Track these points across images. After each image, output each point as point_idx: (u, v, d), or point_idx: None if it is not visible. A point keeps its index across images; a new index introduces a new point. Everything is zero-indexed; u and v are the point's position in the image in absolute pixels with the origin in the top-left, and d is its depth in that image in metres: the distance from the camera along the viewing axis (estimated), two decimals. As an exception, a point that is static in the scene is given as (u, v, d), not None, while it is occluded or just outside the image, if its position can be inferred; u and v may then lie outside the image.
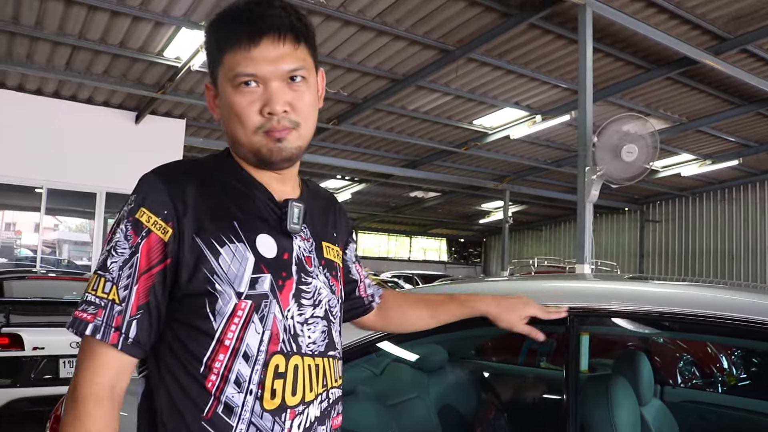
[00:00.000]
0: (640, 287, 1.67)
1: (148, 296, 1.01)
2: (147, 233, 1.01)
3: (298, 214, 1.10)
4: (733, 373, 4.72)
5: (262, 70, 1.05)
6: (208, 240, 1.02)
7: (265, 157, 1.09)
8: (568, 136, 12.01)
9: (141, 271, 1.01)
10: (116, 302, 1.00)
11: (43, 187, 9.67)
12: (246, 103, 1.06)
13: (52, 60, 8.41)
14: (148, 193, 1.03)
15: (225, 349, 1.02)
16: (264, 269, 1.04)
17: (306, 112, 1.10)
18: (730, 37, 7.78)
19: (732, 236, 15.93)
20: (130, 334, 1.00)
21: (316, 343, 1.10)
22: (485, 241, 26.48)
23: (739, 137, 12.14)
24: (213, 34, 1.10)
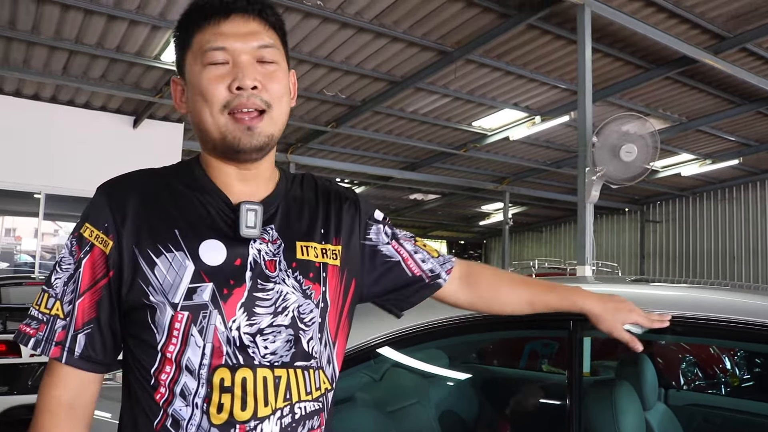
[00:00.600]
0: (642, 290, 1.64)
1: (96, 311, 1.01)
2: (90, 248, 1.01)
3: (254, 216, 1.04)
4: (736, 374, 4.69)
5: (231, 43, 1.02)
6: (144, 251, 1.00)
7: (231, 144, 1.03)
8: (567, 137, 11.98)
9: (85, 286, 1.00)
10: (59, 317, 1.00)
11: (41, 193, 9.65)
12: (213, 77, 1.02)
13: (49, 65, 8.38)
14: (92, 208, 1.03)
15: (169, 362, 0.99)
16: (205, 278, 1.00)
17: (278, 93, 1.05)
18: (729, 35, 7.75)
19: (733, 236, 15.88)
20: (75, 349, 1.00)
21: (277, 354, 1.02)
22: (486, 243, 26.43)
23: (739, 136, 12.10)
24: (182, 23, 1.08)
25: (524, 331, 1.43)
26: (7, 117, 9.20)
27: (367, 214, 1.25)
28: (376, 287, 1.25)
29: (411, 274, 1.27)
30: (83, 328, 1.00)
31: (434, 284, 1.30)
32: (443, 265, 1.32)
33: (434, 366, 2.28)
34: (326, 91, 9.39)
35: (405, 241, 1.30)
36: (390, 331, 1.65)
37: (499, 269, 1.43)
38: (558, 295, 1.34)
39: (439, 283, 1.30)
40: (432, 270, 1.29)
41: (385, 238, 1.26)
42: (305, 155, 12.68)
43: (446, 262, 1.33)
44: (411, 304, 1.30)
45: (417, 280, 1.27)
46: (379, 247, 1.25)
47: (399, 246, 1.28)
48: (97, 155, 9.68)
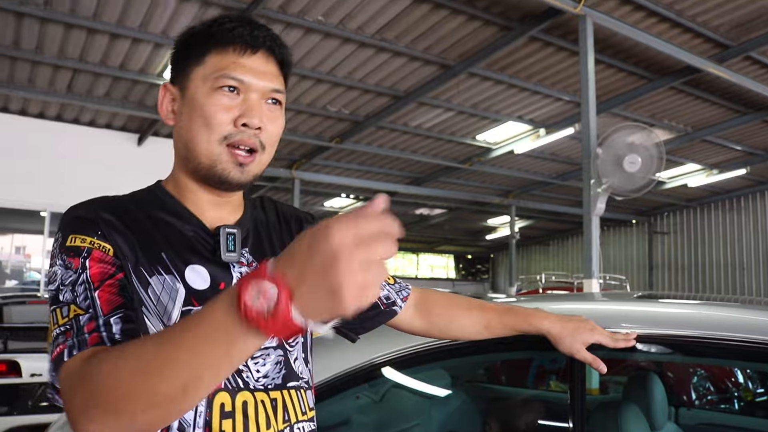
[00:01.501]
0: (649, 308, 1.58)
1: (122, 298, 0.88)
2: (88, 252, 0.90)
3: (234, 240, 1.01)
4: (749, 388, 4.58)
5: (249, 78, 0.99)
6: (138, 269, 0.93)
7: (219, 175, 0.99)
8: (572, 150, 11.93)
9: (97, 279, 0.88)
10: (80, 314, 0.85)
11: (47, 211, 9.66)
12: (221, 106, 0.98)
13: (53, 84, 8.42)
14: (74, 222, 0.94)
15: None
16: (194, 302, 0.95)
17: (273, 138, 1.04)
18: (733, 44, 7.70)
19: (742, 246, 15.74)
20: (113, 330, 0.84)
21: (269, 377, 0.99)
22: (493, 257, 26.32)
23: (745, 146, 12.02)
24: (200, 32, 1.03)
25: (533, 352, 1.36)
26: (12, 135, 9.24)
27: None
28: None
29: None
30: (112, 313, 0.86)
31: (390, 311, 1.27)
32: (399, 292, 1.30)
33: (435, 386, 2.22)
34: (329, 106, 9.38)
35: None
36: (392, 351, 1.59)
37: (455, 295, 1.39)
38: (515, 317, 1.32)
39: (395, 310, 1.28)
40: (388, 297, 1.27)
41: None
42: (309, 171, 12.67)
43: (402, 289, 1.31)
44: (366, 329, 1.28)
45: (373, 306, 1.23)
46: None
47: None
48: (101, 173, 9.69)
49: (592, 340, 1.27)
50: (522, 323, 1.31)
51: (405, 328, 1.33)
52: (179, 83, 1.04)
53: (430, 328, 1.33)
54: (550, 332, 1.29)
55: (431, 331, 1.34)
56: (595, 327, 1.29)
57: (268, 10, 6.55)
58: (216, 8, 6.59)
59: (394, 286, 1.30)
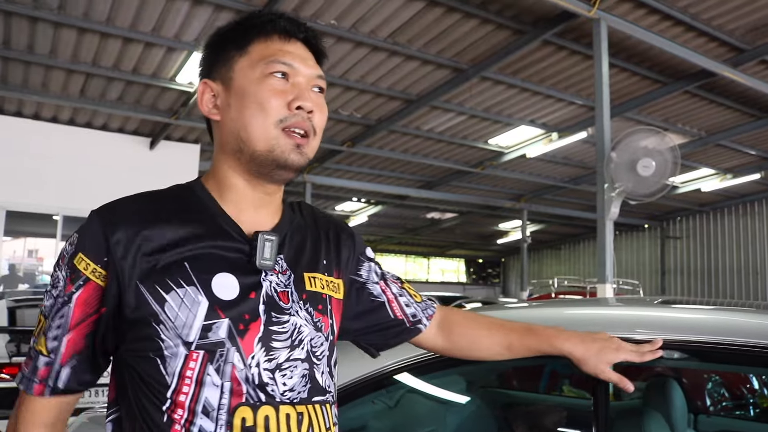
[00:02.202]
0: (664, 313, 1.55)
1: (84, 343, 0.95)
2: (84, 281, 0.94)
3: (270, 247, 0.99)
4: (765, 395, 4.52)
5: (298, 64, 1.03)
6: (152, 286, 0.92)
7: (278, 159, 0.99)
8: (585, 154, 11.87)
9: (75, 321, 0.94)
10: (43, 354, 0.95)
11: (59, 214, 9.70)
12: (275, 91, 1.00)
13: (66, 88, 8.47)
14: (88, 237, 0.95)
15: (181, 404, 0.91)
16: (221, 313, 0.93)
17: (321, 124, 1.05)
18: (748, 48, 7.63)
19: (756, 251, 15.59)
20: (59, 383, 0.96)
21: (295, 390, 0.97)
22: (504, 261, 26.23)
23: (760, 150, 11.91)
24: (240, 25, 1.05)
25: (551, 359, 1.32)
26: (26, 140, 9.30)
27: (360, 250, 1.24)
28: (357, 324, 1.22)
29: (393, 316, 1.25)
30: (69, 362, 0.95)
31: (415, 329, 1.28)
32: (425, 310, 1.30)
33: (451, 391, 2.19)
34: (341, 110, 9.38)
35: (392, 283, 1.28)
36: (408, 356, 1.57)
37: (477, 315, 1.37)
38: (537, 338, 1.28)
39: (420, 328, 1.28)
40: (414, 315, 1.27)
41: (374, 277, 1.25)
42: (321, 175, 12.68)
43: (428, 308, 1.31)
44: (389, 346, 1.28)
45: (399, 323, 1.25)
46: (367, 285, 1.23)
47: (386, 287, 1.26)
48: (114, 177, 9.72)
49: (618, 359, 1.23)
50: (544, 344, 1.27)
51: (427, 346, 1.33)
52: (220, 77, 1.04)
53: (451, 347, 1.33)
54: (572, 354, 1.25)
55: (452, 351, 1.33)
56: (620, 345, 1.24)
57: (280, 14, 6.55)
58: (229, 12, 6.60)
59: (421, 304, 1.30)
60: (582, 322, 1.43)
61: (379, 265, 1.28)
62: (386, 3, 6.57)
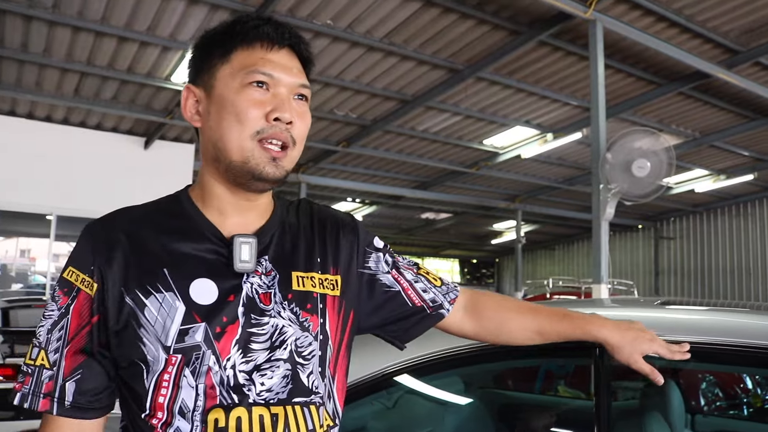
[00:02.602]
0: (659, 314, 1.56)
1: (84, 356, 0.96)
2: (77, 292, 0.97)
3: (249, 250, 1.00)
4: (758, 394, 4.54)
5: (279, 73, 1.01)
6: (133, 292, 0.95)
7: (253, 171, 0.99)
8: (579, 155, 11.90)
9: (73, 332, 0.96)
10: (45, 367, 0.96)
11: (53, 214, 9.66)
12: (253, 102, 0.99)
13: (60, 87, 8.44)
14: (77, 251, 0.99)
15: (160, 406, 0.94)
16: (197, 318, 0.95)
17: (303, 133, 1.04)
18: (742, 50, 7.67)
19: (748, 252, 15.68)
20: (66, 398, 0.95)
21: (273, 390, 0.97)
22: (498, 262, 26.26)
23: (753, 151, 11.97)
24: (223, 31, 1.04)
25: (552, 359, 1.32)
26: (19, 139, 9.25)
27: (366, 241, 1.21)
28: (375, 318, 1.19)
29: (411, 304, 1.21)
30: (72, 375, 0.95)
31: (437, 314, 1.24)
32: (446, 294, 1.26)
33: (449, 392, 2.19)
34: (336, 110, 9.38)
35: (405, 270, 1.24)
36: (409, 357, 1.57)
37: (507, 297, 1.34)
38: (571, 323, 1.25)
39: (442, 313, 1.24)
40: (434, 300, 1.23)
41: (385, 266, 1.21)
42: (316, 175, 12.67)
43: (450, 291, 1.27)
44: (413, 335, 1.24)
45: (418, 310, 1.22)
46: (378, 276, 1.20)
47: (399, 275, 1.22)
48: (108, 176, 9.71)
49: (651, 350, 1.22)
50: (577, 330, 1.25)
51: (455, 330, 1.29)
52: (203, 84, 1.04)
53: (480, 331, 1.28)
54: (608, 341, 1.23)
55: (481, 334, 1.29)
56: (654, 337, 1.23)
57: (276, 13, 6.55)
58: (224, 12, 6.59)
59: (441, 288, 1.26)
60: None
61: (391, 253, 1.25)
62: (382, 3, 6.57)
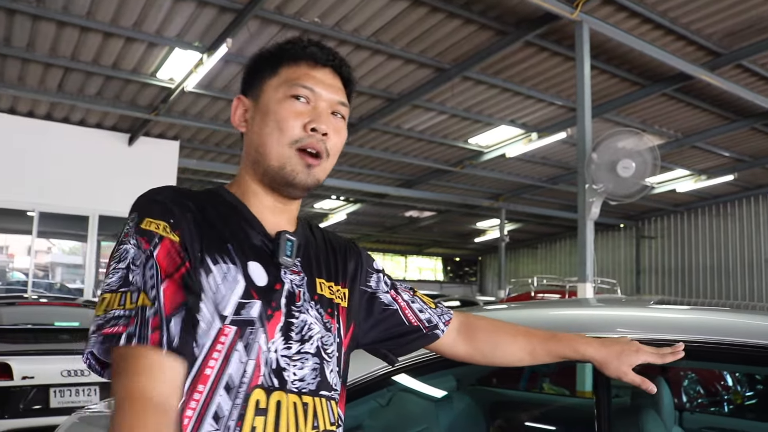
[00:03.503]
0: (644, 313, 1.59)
1: (183, 295, 0.92)
2: (160, 239, 0.94)
3: (290, 246, 1.06)
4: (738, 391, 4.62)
5: (320, 89, 1.09)
6: (202, 257, 0.96)
7: (287, 176, 1.06)
8: (563, 154, 11.99)
9: (164, 273, 0.92)
10: (148, 306, 0.90)
11: (35, 210, 9.55)
12: (293, 112, 1.07)
13: (44, 82, 8.34)
14: (149, 206, 0.98)
15: (205, 378, 0.93)
16: (254, 295, 0.99)
17: (337, 148, 1.12)
18: (724, 52, 7.78)
19: (728, 251, 15.91)
20: (172, 334, 0.89)
21: (305, 381, 1.02)
22: (481, 260, 26.38)
23: (733, 152, 12.15)
24: (277, 48, 1.13)
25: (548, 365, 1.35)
26: (1, 134, 9.13)
27: (368, 263, 1.30)
28: (372, 334, 1.26)
29: (408, 323, 1.28)
30: (174, 312, 0.91)
31: (432, 335, 1.30)
32: (441, 316, 1.32)
33: (442, 390, 2.22)
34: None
35: (403, 291, 1.32)
36: (406, 358, 1.59)
37: (497, 320, 1.40)
38: (559, 343, 1.31)
39: (437, 333, 1.30)
40: (429, 320, 1.30)
41: (384, 286, 1.29)
42: (301, 172, 12.62)
43: (444, 313, 1.33)
44: (407, 351, 1.31)
45: (414, 329, 1.28)
46: (378, 294, 1.27)
47: (397, 295, 1.30)
48: (91, 173, 9.62)
49: (639, 361, 1.25)
50: (567, 349, 1.30)
51: (447, 352, 1.34)
52: (252, 95, 1.13)
53: (473, 353, 1.34)
54: (594, 358, 1.28)
55: (474, 357, 1.35)
56: (640, 348, 1.27)
57: (265, 11, 6.53)
58: (211, 8, 6.56)
59: (436, 310, 1.32)
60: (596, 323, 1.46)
61: (389, 276, 1.33)
62: (370, 2, 6.58)
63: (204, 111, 9.26)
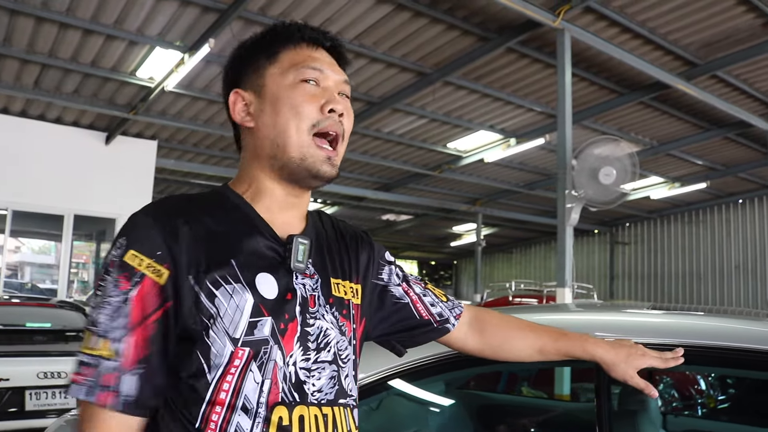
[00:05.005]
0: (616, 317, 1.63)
1: (148, 348, 0.91)
2: (140, 278, 0.92)
3: (303, 250, 1.02)
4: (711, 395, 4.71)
5: (326, 69, 1.06)
6: (203, 281, 0.93)
7: (309, 169, 1.03)
8: (541, 160, 12.11)
9: (135, 321, 0.91)
10: (106, 357, 0.90)
11: (8, 209, 9.37)
12: (308, 96, 1.03)
13: (20, 78, 8.20)
14: (137, 235, 0.94)
15: (221, 402, 0.92)
16: (264, 311, 0.95)
17: (349, 128, 1.09)
18: (701, 62, 7.94)
19: (699, 257, 16.18)
20: (125, 391, 0.90)
21: (323, 391, 0.99)
22: (456, 264, 26.49)
23: (706, 160, 12.39)
24: (267, 35, 1.08)
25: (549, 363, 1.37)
26: (-27, 131, 8.96)
27: (380, 254, 1.26)
28: (382, 326, 1.24)
29: (419, 317, 1.26)
30: (134, 368, 0.90)
31: (443, 328, 1.29)
32: (452, 309, 1.31)
33: (432, 393, 2.22)
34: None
35: (414, 284, 1.30)
36: (400, 363, 1.59)
37: (509, 316, 1.39)
38: (569, 342, 1.31)
39: (448, 327, 1.29)
40: (441, 314, 1.29)
41: (396, 279, 1.26)
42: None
43: (455, 307, 1.32)
44: (416, 343, 1.30)
45: (425, 323, 1.27)
46: (389, 287, 1.25)
47: (409, 288, 1.28)
48: (67, 171, 9.47)
49: (645, 364, 1.27)
50: (576, 349, 1.30)
51: (458, 346, 1.34)
52: (251, 86, 1.07)
53: (483, 347, 1.34)
54: (603, 359, 1.28)
55: (484, 351, 1.34)
56: (646, 352, 1.28)
57: (248, 12, 6.50)
58: (194, 8, 6.51)
59: (447, 303, 1.31)
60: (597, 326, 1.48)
61: (400, 267, 1.30)
62: (354, 5, 6.59)
63: (183, 111, 9.18)
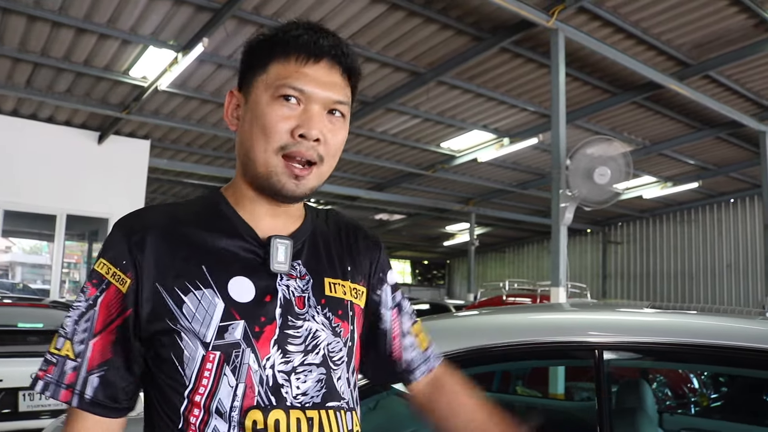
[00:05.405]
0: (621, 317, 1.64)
1: (111, 352, 0.95)
2: (107, 285, 0.96)
3: (284, 251, 1.00)
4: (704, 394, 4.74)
5: (311, 89, 0.98)
6: (170, 288, 0.95)
7: (274, 186, 0.99)
8: (534, 159, 12.14)
9: (99, 326, 0.95)
10: (70, 358, 0.95)
11: (0, 209, 9.32)
12: (280, 116, 0.97)
13: (12, 77, 8.15)
14: (108, 243, 0.98)
15: (197, 405, 0.93)
16: (236, 315, 0.95)
17: (333, 150, 1.02)
18: (693, 63, 7.98)
19: (691, 257, 16.28)
20: (87, 391, 0.94)
21: (308, 394, 0.97)
22: (449, 263, 26.53)
23: (698, 160, 12.46)
24: (267, 38, 1.03)
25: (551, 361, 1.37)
26: (-35, 130, 8.90)
27: (383, 269, 1.20)
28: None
29: (389, 353, 1.18)
30: (96, 370, 0.94)
31: (404, 378, 1.20)
32: (425, 362, 1.21)
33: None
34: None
35: (404, 317, 1.22)
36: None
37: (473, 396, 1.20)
38: None
39: (410, 379, 1.20)
40: (412, 362, 1.19)
41: (390, 302, 1.20)
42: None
43: (429, 361, 1.21)
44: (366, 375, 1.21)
45: (391, 363, 1.19)
46: (380, 308, 1.18)
47: (397, 318, 1.20)
48: (59, 171, 9.42)
49: None
50: None
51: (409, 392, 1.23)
52: (244, 90, 1.04)
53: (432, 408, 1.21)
54: None
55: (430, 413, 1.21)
56: None
57: (242, 11, 6.49)
58: (188, 7, 6.49)
59: (424, 353, 1.22)
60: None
61: (399, 291, 1.23)
62: (348, 5, 6.59)
63: (176, 110, 9.16)
